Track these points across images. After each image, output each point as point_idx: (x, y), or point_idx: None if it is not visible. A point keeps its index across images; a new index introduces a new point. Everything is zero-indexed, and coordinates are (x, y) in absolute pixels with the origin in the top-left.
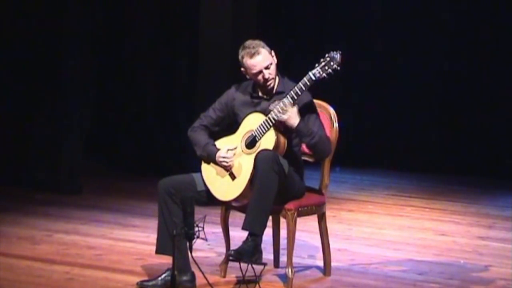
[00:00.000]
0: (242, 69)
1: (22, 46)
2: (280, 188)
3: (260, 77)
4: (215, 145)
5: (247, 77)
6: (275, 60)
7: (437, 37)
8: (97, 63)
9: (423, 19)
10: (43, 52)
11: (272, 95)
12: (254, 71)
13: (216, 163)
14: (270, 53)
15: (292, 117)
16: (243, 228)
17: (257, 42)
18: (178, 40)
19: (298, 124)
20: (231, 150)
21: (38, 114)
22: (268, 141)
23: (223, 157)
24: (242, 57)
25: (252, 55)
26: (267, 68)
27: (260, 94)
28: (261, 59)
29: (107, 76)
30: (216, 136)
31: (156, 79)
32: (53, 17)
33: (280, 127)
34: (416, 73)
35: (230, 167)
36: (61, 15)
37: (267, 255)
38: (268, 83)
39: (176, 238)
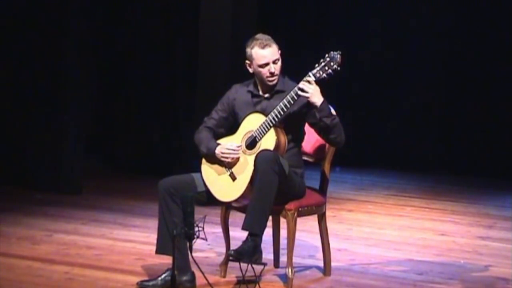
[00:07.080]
0: (247, 61)
1: (22, 46)
2: (280, 188)
3: (266, 69)
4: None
5: (250, 71)
6: (280, 59)
7: (437, 37)
8: (97, 63)
9: (424, 19)
10: (43, 52)
11: (272, 93)
12: (262, 62)
13: (216, 158)
14: (279, 51)
15: (315, 94)
16: (243, 228)
17: (268, 36)
18: (178, 40)
19: (322, 102)
20: (232, 147)
21: (38, 114)
22: (268, 141)
23: (227, 150)
24: (252, 48)
25: (264, 46)
26: (274, 62)
27: (260, 92)
28: (271, 52)
29: (107, 76)
30: (218, 137)
31: (156, 79)
32: (53, 17)
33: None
34: (416, 73)
35: (232, 162)
36: (61, 14)
37: (267, 255)
38: (273, 78)
39: (176, 238)
